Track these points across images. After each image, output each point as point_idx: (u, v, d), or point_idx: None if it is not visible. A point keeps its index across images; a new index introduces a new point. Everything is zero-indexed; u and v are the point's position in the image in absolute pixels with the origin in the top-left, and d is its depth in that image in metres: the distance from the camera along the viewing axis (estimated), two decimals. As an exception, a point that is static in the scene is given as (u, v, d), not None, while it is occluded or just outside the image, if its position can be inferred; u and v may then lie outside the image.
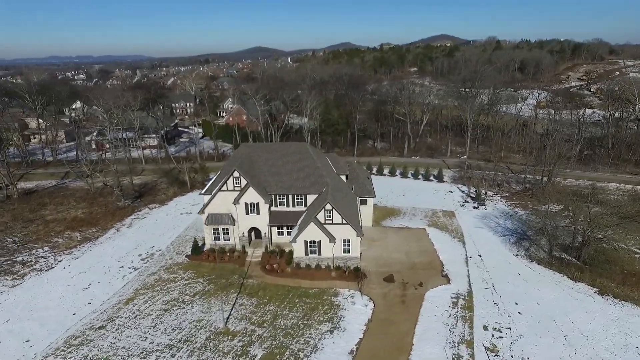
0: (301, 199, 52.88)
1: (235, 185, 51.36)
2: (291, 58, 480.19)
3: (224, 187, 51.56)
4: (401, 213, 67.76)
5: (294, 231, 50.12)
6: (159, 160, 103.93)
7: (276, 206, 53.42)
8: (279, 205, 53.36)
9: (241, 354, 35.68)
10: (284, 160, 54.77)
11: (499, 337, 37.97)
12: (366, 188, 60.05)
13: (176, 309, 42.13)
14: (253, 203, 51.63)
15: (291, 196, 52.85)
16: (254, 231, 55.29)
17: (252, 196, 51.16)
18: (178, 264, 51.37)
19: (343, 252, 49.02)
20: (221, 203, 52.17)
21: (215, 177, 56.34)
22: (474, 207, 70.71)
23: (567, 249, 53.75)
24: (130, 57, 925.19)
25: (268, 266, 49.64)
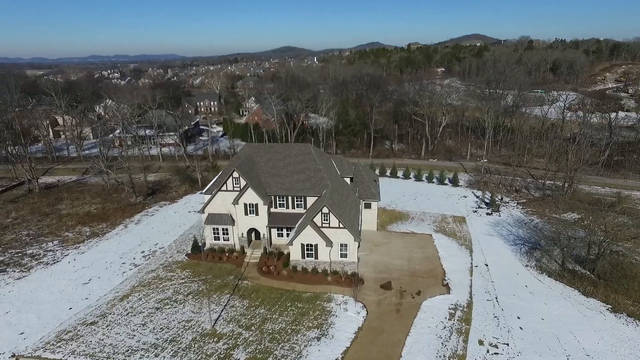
0: (301, 201, 52.13)
1: (234, 185, 51.16)
2: (317, 58, 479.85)
3: (224, 187, 51.46)
4: (409, 217, 65.86)
5: (292, 234, 49.41)
6: (176, 158, 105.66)
7: (276, 207, 52.89)
8: (279, 206, 52.81)
9: (224, 357, 35.27)
10: (286, 161, 54.15)
11: (495, 354, 35.92)
12: (371, 191, 58.62)
13: (168, 308, 42.25)
14: (252, 204, 51.29)
15: (291, 198, 52.19)
16: (254, 232, 54.98)
17: (251, 197, 50.82)
18: (177, 262, 51.67)
19: (340, 257, 47.91)
20: (221, 203, 52.11)
21: (217, 177, 56.39)
22: (487, 214, 67.90)
23: (582, 261, 50.56)
24: (163, 57, 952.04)
25: (265, 268, 49.18)
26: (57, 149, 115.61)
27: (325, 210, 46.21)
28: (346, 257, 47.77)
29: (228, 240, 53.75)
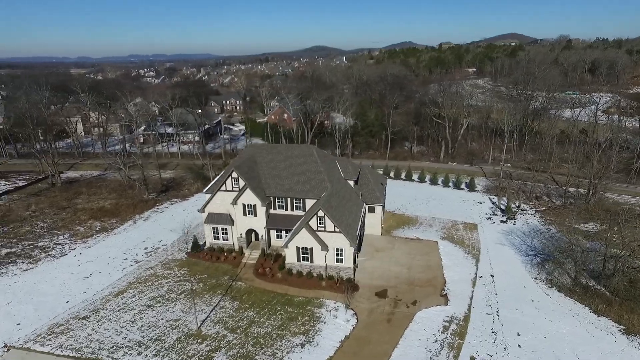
0: (300, 203, 51.31)
1: (234, 185, 50.97)
2: (346, 57, 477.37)
3: (223, 187, 51.39)
4: (417, 222, 63.72)
5: (288, 236, 48.66)
6: (194, 156, 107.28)
7: (275, 209, 52.32)
8: (278, 208, 52.20)
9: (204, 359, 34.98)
10: (287, 162, 53.46)
11: (486, 372, 33.84)
12: (375, 195, 57.05)
13: (159, 306, 42.51)
14: (250, 205, 50.94)
15: (290, 200, 51.47)
16: (254, 233, 54.64)
17: (250, 198, 50.47)
18: (176, 260, 52.05)
19: (336, 262, 46.73)
20: (220, 203, 52.09)
21: (218, 176, 56.44)
22: (502, 221, 64.72)
23: (598, 276, 47.10)
24: (198, 56, 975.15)
25: (260, 270, 48.73)
26: (85, 145, 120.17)
27: (320, 213, 45.17)
28: (342, 262, 46.54)
29: (227, 240, 53.68)
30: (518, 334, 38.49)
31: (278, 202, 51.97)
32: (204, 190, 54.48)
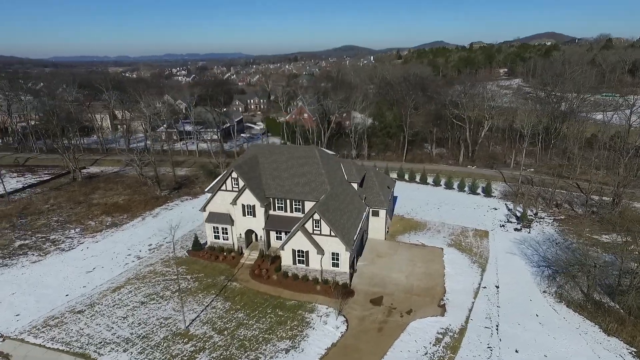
0: (299, 205, 50.61)
1: (233, 185, 50.87)
2: (374, 57, 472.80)
3: (224, 187, 51.39)
4: (425, 228, 61.70)
5: (284, 238, 48.04)
6: (211, 154, 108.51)
7: (275, 210, 51.84)
8: (278, 209, 51.69)
9: (187, 360, 34.86)
10: (289, 163, 52.88)
11: (475, 390, 32.01)
12: (379, 198, 55.58)
13: (152, 304, 42.86)
14: (250, 205, 50.67)
15: (289, 201, 50.86)
16: (254, 234, 54.37)
17: (249, 198, 50.20)
18: (176, 258, 52.34)
19: (332, 266, 45.72)
20: (221, 202, 52.14)
21: (220, 176, 56.52)
22: (516, 229, 61.73)
23: (613, 292, 43.93)
24: (230, 55, 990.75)
25: (257, 271, 48.37)
26: (110, 142, 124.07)
27: (316, 216, 44.29)
28: (338, 267, 45.49)
29: (228, 240, 53.67)
30: (516, 351, 36.30)
31: (278, 204, 51.48)
32: (205, 189, 54.63)
